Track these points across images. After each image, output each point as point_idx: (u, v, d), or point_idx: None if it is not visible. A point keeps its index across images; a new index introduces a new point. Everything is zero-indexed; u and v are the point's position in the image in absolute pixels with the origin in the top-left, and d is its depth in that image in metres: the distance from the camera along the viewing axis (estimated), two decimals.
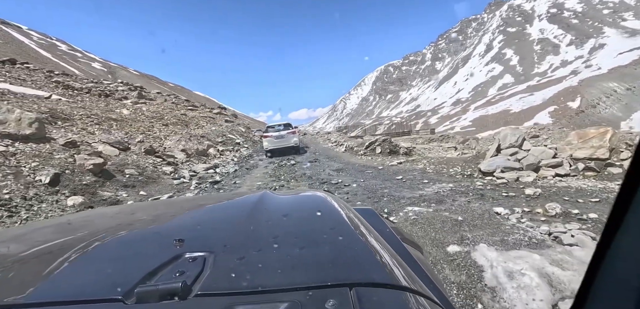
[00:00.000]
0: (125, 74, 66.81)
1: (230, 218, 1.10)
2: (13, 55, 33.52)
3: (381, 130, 39.37)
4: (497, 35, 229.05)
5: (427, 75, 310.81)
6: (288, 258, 0.70)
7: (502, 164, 5.97)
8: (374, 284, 0.60)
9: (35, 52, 51.47)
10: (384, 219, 1.33)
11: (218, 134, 17.17)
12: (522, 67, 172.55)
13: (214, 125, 19.54)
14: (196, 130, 16.00)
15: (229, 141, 16.99)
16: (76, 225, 1.08)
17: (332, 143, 18.58)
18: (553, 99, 71.76)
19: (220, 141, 15.96)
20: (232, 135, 18.91)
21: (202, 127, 17.68)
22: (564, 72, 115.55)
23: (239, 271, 0.63)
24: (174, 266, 0.65)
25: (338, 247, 0.77)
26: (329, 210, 1.07)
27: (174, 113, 18.90)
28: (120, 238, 0.91)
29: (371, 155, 11.77)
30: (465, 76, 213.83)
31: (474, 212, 4.23)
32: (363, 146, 13.08)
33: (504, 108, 79.94)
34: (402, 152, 11.77)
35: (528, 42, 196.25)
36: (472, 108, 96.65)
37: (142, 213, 1.25)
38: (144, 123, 13.96)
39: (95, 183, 6.63)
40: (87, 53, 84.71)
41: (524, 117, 68.39)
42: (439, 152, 13.65)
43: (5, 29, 57.21)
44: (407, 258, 0.92)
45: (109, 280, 0.63)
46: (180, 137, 12.79)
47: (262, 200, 1.15)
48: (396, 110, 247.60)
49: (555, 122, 58.01)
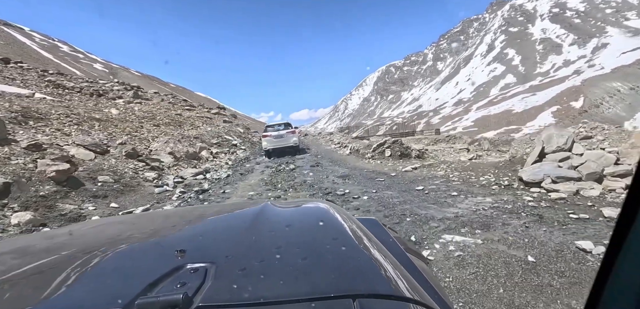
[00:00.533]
0: (127, 75, 65.87)
1: (232, 228, 1.09)
2: (14, 56, 32.55)
3: (383, 130, 38.06)
4: (499, 35, 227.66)
5: (428, 75, 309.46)
6: (290, 269, 0.69)
7: (551, 172, 4.83)
8: (378, 295, 0.60)
9: (36, 53, 50.50)
10: (387, 229, 1.31)
11: (213, 135, 16.09)
12: (524, 67, 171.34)
13: (210, 126, 18.48)
14: (190, 131, 15.02)
15: (225, 142, 15.87)
16: (77, 236, 1.08)
17: (335, 144, 17.37)
18: (556, 99, 70.89)
19: (215, 142, 14.92)
20: (228, 136, 17.82)
21: (197, 128, 16.69)
22: (567, 72, 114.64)
23: (240, 282, 0.63)
24: (175, 278, 0.65)
25: (341, 258, 0.76)
26: (331, 220, 1.05)
27: (168, 114, 17.98)
28: (121, 249, 0.88)
29: (380, 159, 10.63)
30: (467, 76, 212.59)
31: (545, 247, 3.07)
32: (370, 148, 11.98)
33: (506, 109, 79.00)
34: (414, 155, 10.59)
35: (530, 41, 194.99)
36: (474, 109, 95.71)
37: (144, 224, 1.25)
38: (133, 124, 12.98)
39: (56, 194, 5.52)
40: (89, 54, 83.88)
41: (527, 117, 67.58)
42: (451, 154, 12.42)
43: (7, 30, 56.33)
44: (411, 269, 0.91)
45: (108, 292, 0.63)
46: (169, 139, 11.72)
47: (263, 210, 1.14)
48: (398, 110, 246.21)
49: (558, 122, 57.09)
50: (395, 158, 10.42)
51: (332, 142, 19.15)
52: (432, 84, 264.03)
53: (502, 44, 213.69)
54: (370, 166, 9.72)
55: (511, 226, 3.67)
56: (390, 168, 9.05)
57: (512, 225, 3.71)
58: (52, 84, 16.43)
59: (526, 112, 70.57)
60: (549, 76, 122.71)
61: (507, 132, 56.66)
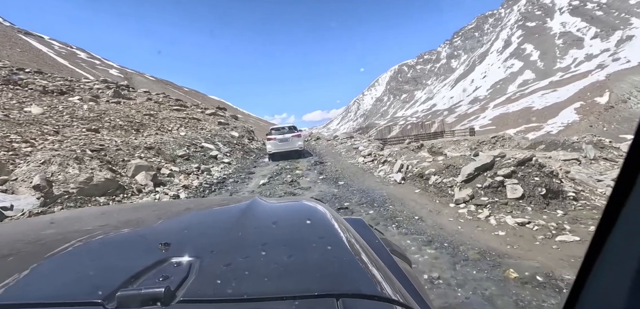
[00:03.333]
0: (141, 80, 67.33)
1: (219, 223, 1.07)
2: (28, 62, 33.60)
3: (396, 130, 36.90)
4: (516, 30, 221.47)
5: (442, 73, 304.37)
6: (275, 266, 0.69)
7: None
8: (361, 295, 0.60)
9: (52, 59, 52.18)
10: (374, 230, 1.31)
11: (185, 143, 11.77)
12: (543, 62, 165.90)
13: (192, 130, 14.62)
14: (147, 139, 10.90)
15: (199, 153, 11.44)
16: (59, 224, 1.05)
17: (365, 158, 10.84)
18: (578, 95, 68.08)
19: (182, 155, 10.47)
20: (209, 143, 13.09)
21: (167, 133, 13.01)
22: (590, 66, 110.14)
23: (225, 277, 0.63)
24: (158, 271, 0.64)
25: (326, 257, 0.77)
26: (319, 219, 1.05)
27: (132, 115, 13.77)
28: (104, 239, 0.87)
29: (498, 208, 4.95)
30: (483, 73, 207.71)
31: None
32: (447, 171, 6.33)
33: (525, 106, 76.62)
34: (570, 195, 5.16)
35: (549, 36, 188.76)
36: (491, 106, 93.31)
37: (128, 214, 1.21)
38: (49, 127, 9.41)
39: None
40: (106, 60, 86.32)
41: (548, 114, 65.27)
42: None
43: (25, 38, 58.51)
44: (395, 271, 0.92)
45: (89, 282, 0.62)
46: (65, 155, 6.61)
47: (251, 206, 1.12)
48: (411, 110, 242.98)
49: (582, 118, 54.71)
50: (537, 203, 4.90)
51: (358, 151, 12.48)
52: (446, 82, 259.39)
53: (519, 40, 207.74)
54: (484, 236, 4.23)
55: None
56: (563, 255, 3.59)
57: None
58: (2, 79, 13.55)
59: (547, 109, 68.17)
60: (570, 71, 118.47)
61: (527, 130, 54.76)
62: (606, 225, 0.44)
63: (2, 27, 58.60)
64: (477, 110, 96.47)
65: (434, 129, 34.33)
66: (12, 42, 46.78)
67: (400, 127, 38.44)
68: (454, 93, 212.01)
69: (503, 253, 3.64)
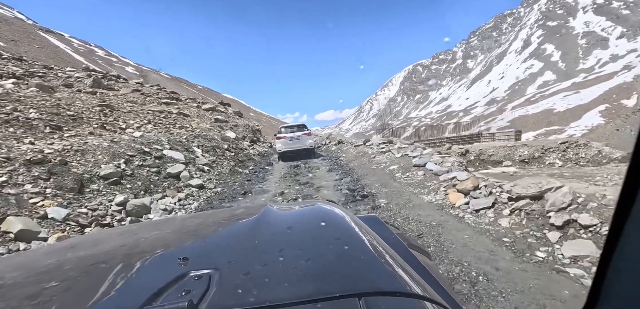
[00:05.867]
0: (157, 77, 68.35)
1: (233, 233, 1.09)
2: (46, 59, 34.07)
3: (409, 131, 35.71)
4: (536, 30, 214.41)
5: (458, 74, 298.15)
6: (294, 271, 0.69)
7: None
8: (383, 292, 0.61)
9: (69, 56, 53.27)
10: (389, 226, 1.29)
11: (129, 151, 7.27)
12: (565, 63, 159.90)
13: (164, 129, 10.70)
14: (56, 144, 6.54)
15: (154, 168, 7.17)
16: (80, 248, 1.07)
17: (407, 176, 7.42)
18: (604, 97, 65.04)
19: (109, 174, 6.00)
20: (178, 151, 8.71)
21: (121, 131, 9.26)
22: (615, 67, 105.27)
23: (245, 286, 0.63)
24: (179, 286, 0.65)
25: (345, 257, 0.77)
26: (333, 220, 1.05)
27: (77, 106, 9.84)
28: (124, 260, 0.87)
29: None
30: (501, 74, 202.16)
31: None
32: None
33: (546, 108, 73.80)
34: None
35: (571, 36, 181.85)
36: (509, 108, 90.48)
37: (145, 233, 1.22)
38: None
39: None
40: (123, 58, 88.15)
41: (570, 116, 62.62)
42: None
43: (45, 35, 59.98)
44: (415, 265, 0.91)
45: (113, 304, 0.63)
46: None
47: (265, 214, 1.12)
48: (425, 110, 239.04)
49: (608, 122, 52.00)
50: None
51: (391, 161, 9.02)
52: (462, 83, 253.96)
53: (539, 39, 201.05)
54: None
55: None
56: None
57: None
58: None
59: (569, 111, 65.43)
60: (593, 72, 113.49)
61: (548, 133, 52.49)
62: (620, 219, 0.44)
63: (24, 24, 60.33)
64: (494, 112, 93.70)
65: (448, 131, 32.89)
66: (31, 38, 47.84)
67: (414, 128, 37.18)
68: (470, 94, 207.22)
69: None
